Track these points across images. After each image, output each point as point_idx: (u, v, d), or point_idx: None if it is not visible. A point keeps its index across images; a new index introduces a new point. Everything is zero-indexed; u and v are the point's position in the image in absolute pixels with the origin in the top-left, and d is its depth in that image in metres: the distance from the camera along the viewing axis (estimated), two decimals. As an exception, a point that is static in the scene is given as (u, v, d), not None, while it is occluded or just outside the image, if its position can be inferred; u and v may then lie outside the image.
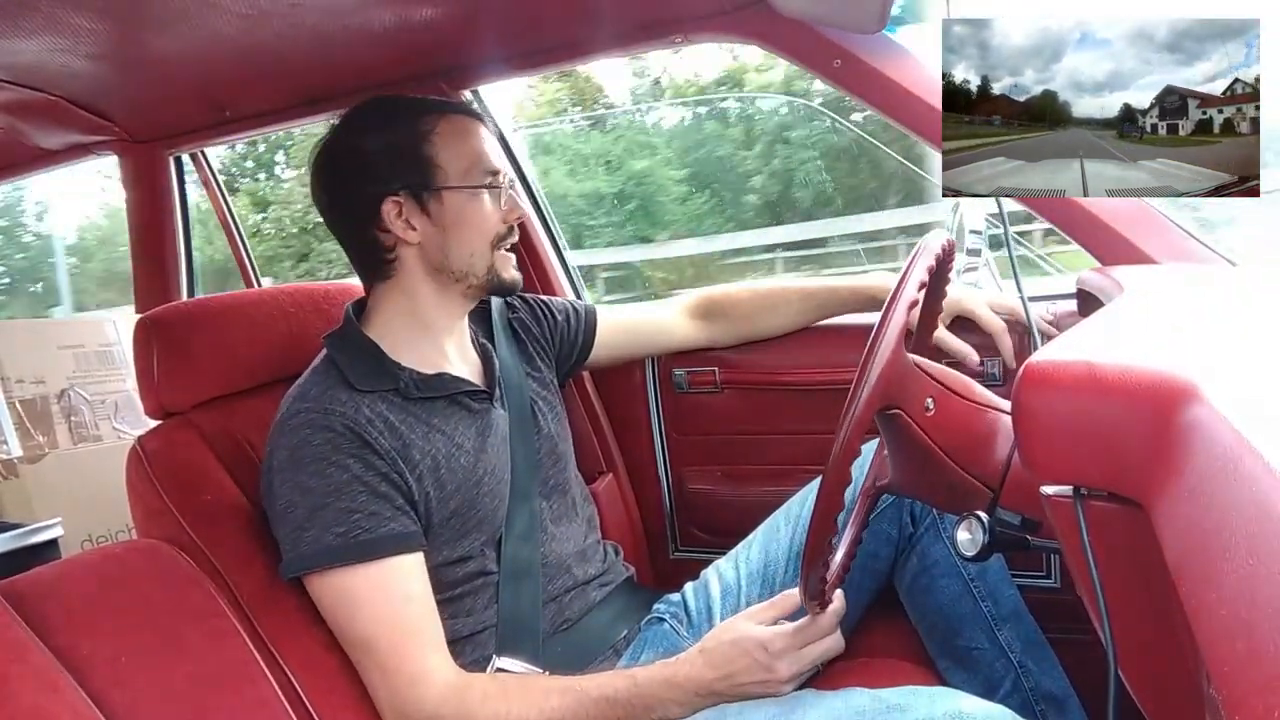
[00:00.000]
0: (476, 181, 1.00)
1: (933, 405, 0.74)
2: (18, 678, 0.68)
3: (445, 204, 0.98)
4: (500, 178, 1.02)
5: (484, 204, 1.00)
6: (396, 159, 0.98)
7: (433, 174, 0.98)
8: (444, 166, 0.99)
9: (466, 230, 0.99)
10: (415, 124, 0.99)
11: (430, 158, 0.98)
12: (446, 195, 0.98)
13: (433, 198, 0.98)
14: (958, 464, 0.75)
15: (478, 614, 0.97)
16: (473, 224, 1.00)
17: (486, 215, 1.00)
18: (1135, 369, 0.46)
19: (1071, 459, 0.48)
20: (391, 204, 0.98)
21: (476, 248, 1.00)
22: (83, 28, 1.04)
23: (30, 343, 1.69)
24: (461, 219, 0.99)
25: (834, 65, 1.12)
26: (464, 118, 1.02)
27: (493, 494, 0.99)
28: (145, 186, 1.71)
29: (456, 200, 0.99)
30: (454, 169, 0.99)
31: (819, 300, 1.24)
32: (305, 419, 0.91)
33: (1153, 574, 0.44)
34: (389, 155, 0.98)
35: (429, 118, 1.00)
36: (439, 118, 1.00)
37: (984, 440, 0.76)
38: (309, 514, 0.87)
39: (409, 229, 0.98)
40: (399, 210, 0.98)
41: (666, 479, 1.42)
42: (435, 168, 0.98)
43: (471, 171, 0.99)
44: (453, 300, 1.03)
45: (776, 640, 0.83)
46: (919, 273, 0.72)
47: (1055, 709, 0.96)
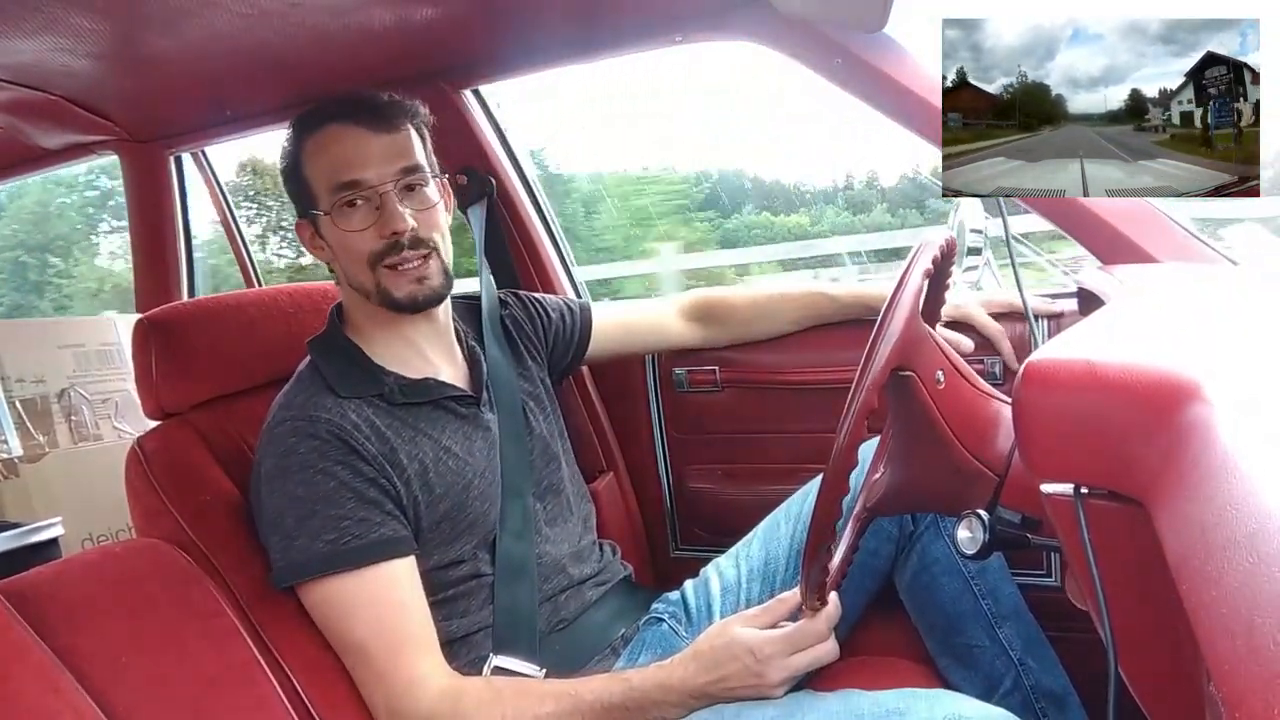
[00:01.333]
0: (336, 200, 0.93)
1: (943, 379, 0.74)
2: (18, 677, 0.68)
3: (322, 226, 0.97)
4: (361, 190, 0.93)
5: (348, 224, 0.94)
6: (288, 182, 0.99)
7: (311, 197, 0.96)
8: (314, 187, 0.96)
9: (341, 255, 0.96)
10: (297, 143, 0.98)
11: (306, 179, 0.96)
12: (320, 219, 0.96)
13: (318, 221, 0.97)
14: (964, 445, 0.75)
15: (472, 615, 0.97)
16: (342, 248, 0.95)
17: (350, 236, 0.94)
18: (1136, 368, 0.46)
19: (1072, 457, 0.49)
20: (301, 227, 1.00)
21: (356, 269, 0.95)
22: (83, 27, 1.04)
23: (30, 342, 1.69)
24: (333, 243, 0.96)
25: (834, 65, 1.12)
26: (336, 126, 0.94)
27: (483, 497, 0.99)
28: (146, 186, 1.72)
29: (326, 223, 0.96)
30: (321, 189, 0.95)
31: (818, 307, 1.24)
32: (291, 427, 0.90)
33: (1153, 572, 0.44)
34: (286, 179, 0.99)
35: (305, 134, 0.96)
36: (309, 134, 0.96)
37: (989, 425, 0.76)
38: (298, 522, 0.87)
39: (319, 249, 0.99)
40: (308, 232, 0.99)
41: (667, 478, 1.42)
42: (309, 190, 0.96)
43: (331, 189, 0.94)
44: (384, 316, 0.98)
45: (767, 646, 0.82)
46: (930, 250, 0.73)
47: (1055, 707, 0.96)
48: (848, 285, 1.25)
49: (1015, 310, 1.13)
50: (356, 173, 0.93)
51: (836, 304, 1.23)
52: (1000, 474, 0.74)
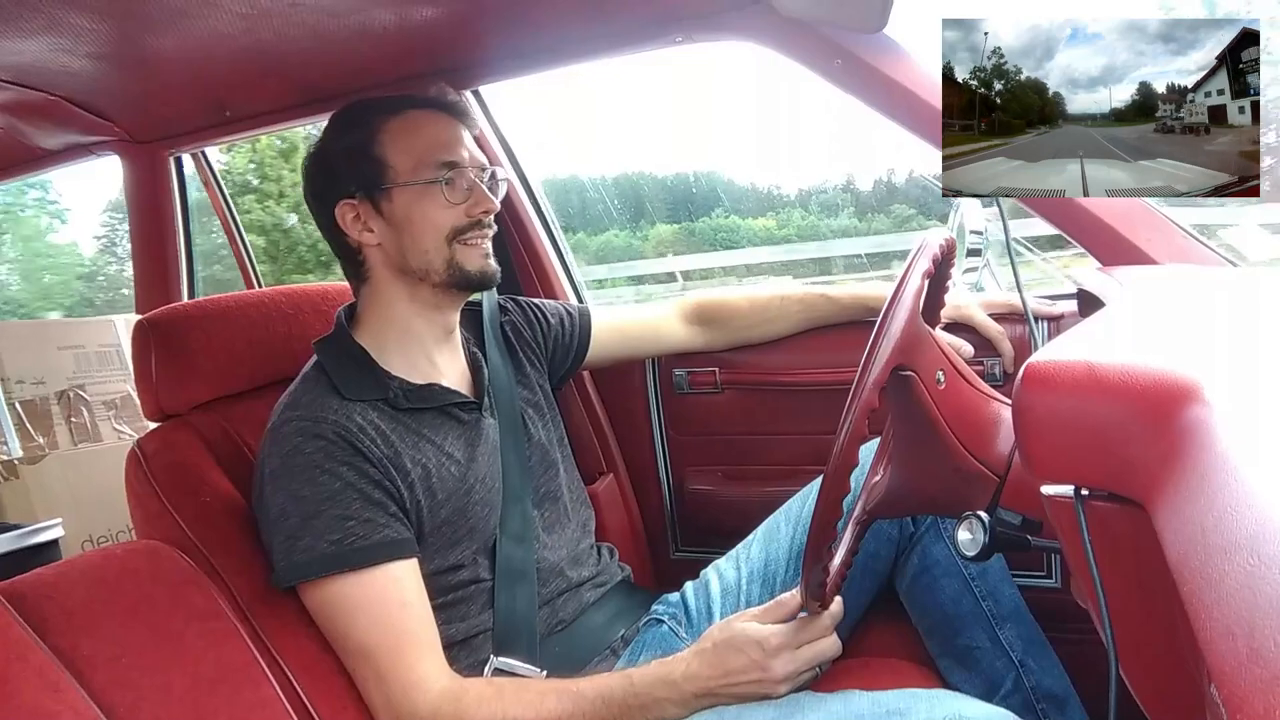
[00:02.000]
0: (426, 176, 0.97)
1: (944, 379, 0.74)
2: (19, 677, 0.68)
3: (395, 202, 0.98)
4: (460, 170, 0.98)
5: (436, 198, 0.97)
6: (349, 161, 0.98)
7: (382, 173, 0.97)
8: (393, 164, 0.97)
9: (417, 227, 0.97)
10: (369, 123, 0.99)
11: (379, 157, 0.97)
12: (395, 193, 0.97)
13: (384, 197, 0.98)
14: (965, 445, 0.74)
15: (472, 618, 0.97)
16: (423, 219, 0.97)
17: (439, 209, 0.97)
18: (1136, 369, 0.46)
19: (1072, 459, 0.48)
20: (346, 207, 0.99)
21: (430, 243, 0.98)
22: (83, 28, 1.04)
23: (30, 343, 1.69)
24: (411, 216, 0.98)
25: (834, 65, 1.12)
26: (423, 112, 1.00)
27: (484, 503, 0.99)
28: (146, 187, 1.71)
29: (405, 197, 0.97)
30: (403, 166, 0.97)
31: (818, 310, 1.25)
32: (297, 427, 0.90)
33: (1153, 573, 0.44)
34: (344, 159, 0.99)
35: (382, 117, 0.99)
36: (392, 116, 0.99)
37: (990, 426, 0.76)
38: (302, 522, 0.87)
39: (366, 231, 0.99)
40: (355, 213, 0.99)
41: (667, 479, 1.42)
42: (385, 166, 0.97)
43: (421, 166, 0.97)
44: (426, 301, 1.01)
45: (772, 639, 0.83)
46: (930, 251, 0.73)
47: (1056, 708, 0.96)
48: (847, 287, 1.26)
49: (1015, 312, 1.13)
50: (456, 154, 0.99)
51: (836, 305, 1.23)
52: (1001, 474, 0.74)
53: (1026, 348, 1.12)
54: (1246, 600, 0.30)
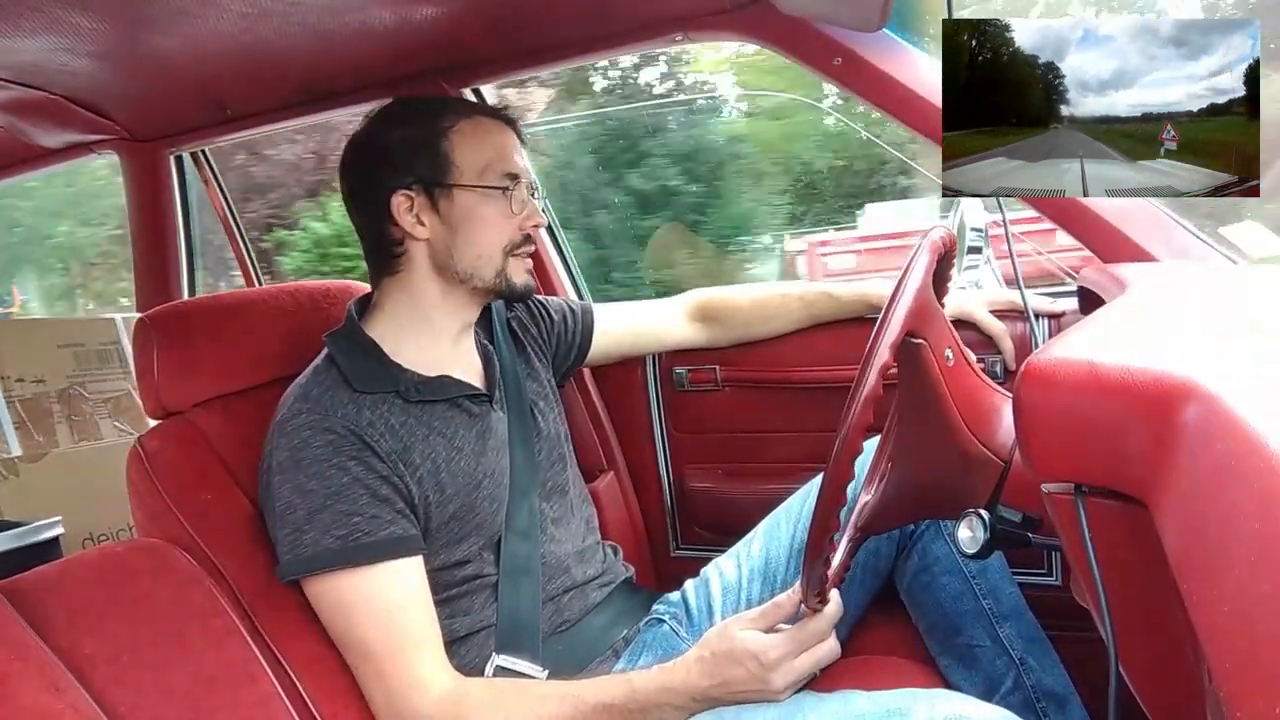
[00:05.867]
0: (491, 183, 0.98)
1: (952, 358, 0.74)
2: (19, 676, 0.68)
3: (456, 202, 0.98)
4: (520, 183, 1.00)
5: (497, 207, 0.99)
6: (412, 152, 0.98)
7: (447, 170, 0.98)
8: (459, 164, 0.98)
9: (475, 231, 0.98)
10: (437, 120, 0.99)
11: (446, 154, 0.98)
12: (458, 193, 0.98)
13: (444, 194, 0.98)
14: (970, 428, 0.74)
15: (475, 614, 0.97)
16: (483, 225, 0.99)
17: (499, 218, 0.99)
18: (1136, 367, 0.46)
19: (1073, 456, 0.49)
20: (402, 197, 0.98)
21: (485, 250, 0.99)
22: (83, 27, 1.04)
23: (30, 341, 1.69)
24: (471, 219, 0.98)
25: (835, 63, 1.12)
26: (490, 120, 1.01)
27: (491, 498, 0.99)
28: (146, 185, 1.71)
29: (468, 200, 0.98)
30: (469, 168, 0.98)
31: (819, 307, 1.25)
32: (306, 420, 0.90)
33: (1154, 571, 0.44)
34: (406, 148, 0.98)
35: (452, 116, 1.00)
36: (462, 117, 1.00)
37: (993, 414, 0.76)
38: (308, 516, 0.87)
39: (418, 224, 0.98)
40: (410, 204, 0.98)
41: (667, 477, 1.42)
42: (450, 165, 0.98)
43: (487, 172, 0.98)
44: (458, 301, 1.02)
45: (771, 651, 0.81)
46: (939, 233, 0.73)
47: (1056, 706, 0.96)
48: (849, 285, 1.25)
49: (1016, 309, 1.13)
50: (516, 167, 1.01)
51: (838, 302, 1.23)
52: (1006, 460, 0.74)
53: (1027, 345, 1.12)
54: (1248, 598, 0.30)
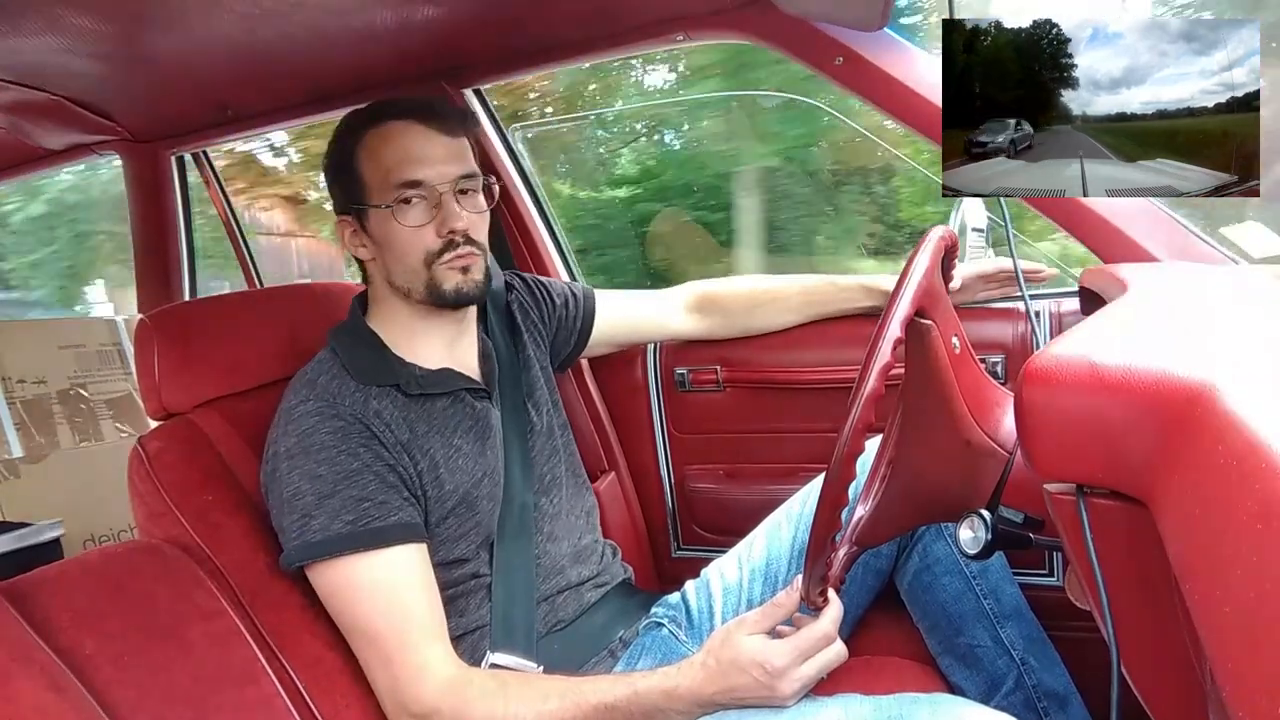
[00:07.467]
0: (389, 198, 0.94)
1: (959, 346, 0.74)
2: (21, 677, 0.68)
3: (372, 221, 0.97)
4: (423, 188, 0.94)
5: (406, 219, 0.94)
6: (337, 178, 0.99)
7: (360, 191, 0.96)
8: (367, 182, 0.96)
9: (395, 248, 0.96)
10: (350, 137, 0.97)
11: (358, 173, 0.96)
12: (372, 213, 0.96)
13: (365, 216, 0.97)
14: (975, 417, 0.74)
15: (470, 614, 0.97)
16: (397, 240, 0.95)
17: (406, 232, 0.94)
18: (1138, 367, 0.46)
19: (1074, 457, 0.48)
20: (344, 223, 0.99)
21: (407, 264, 0.96)
22: (84, 28, 1.04)
23: (31, 342, 1.69)
24: (388, 237, 0.96)
25: (835, 63, 1.12)
26: (397, 124, 0.95)
27: (489, 496, 0.99)
28: (147, 186, 1.72)
29: (379, 217, 0.96)
30: (373, 184, 0.95)
31: (820, 297, 1.23)
32: (314, 407, 0.91)
33: (1155, 571, 0.44)
34: (335, 174, 0.99)
35: (362, 129, 0.96)
36: (370, 128, 0.96)
37: (996, 407, 0.76)
38: (318, 501, 0.87)
39: (360, 247, 0.99)
40: (350, 229, 0.99)
41: (668, 478, 1.42)
42: (362, 184, 0.96)
43: (385, 187, 0.94)
44: (422, 313, 1.00)
45: (776, 658, 0.80)
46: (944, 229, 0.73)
47: (1058, 706, 0.96)
48: (850, 276, 1.25)
49: (1005, 272, 1.13)
50: (420, 172, 0.94)
51: (837, 288, 1.22)
52: (1011, 451, 0.74)
53: (1028, 346, 1.12)
54: (1250, 598, 0.30)
